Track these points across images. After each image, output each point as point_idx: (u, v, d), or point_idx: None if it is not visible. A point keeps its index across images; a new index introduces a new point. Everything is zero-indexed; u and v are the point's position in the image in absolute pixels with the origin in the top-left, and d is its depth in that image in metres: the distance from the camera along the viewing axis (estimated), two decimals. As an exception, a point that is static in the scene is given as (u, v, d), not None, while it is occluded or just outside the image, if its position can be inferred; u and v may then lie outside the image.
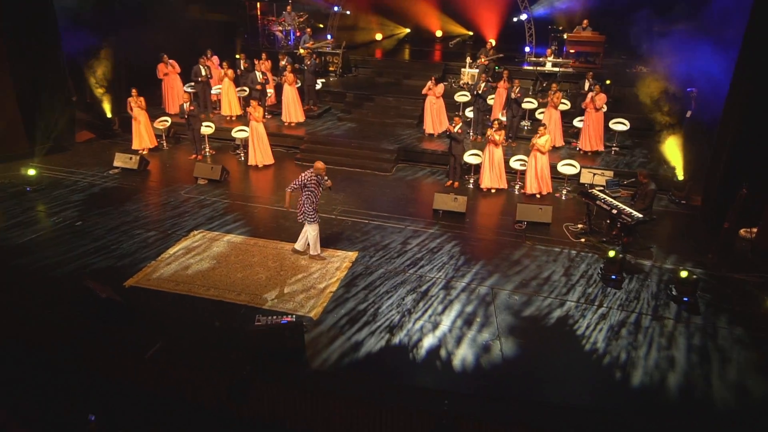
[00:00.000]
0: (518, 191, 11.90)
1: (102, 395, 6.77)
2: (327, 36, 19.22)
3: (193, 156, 13.30)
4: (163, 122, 13.97)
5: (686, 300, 8.00)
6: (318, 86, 16.03)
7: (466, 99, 14.93)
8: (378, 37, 21.93)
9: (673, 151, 12.52)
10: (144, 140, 13.51)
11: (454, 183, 12.08)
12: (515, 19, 18.72)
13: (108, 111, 14.94)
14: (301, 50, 16.81)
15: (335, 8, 19.78)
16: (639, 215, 9.05)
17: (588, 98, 13.00)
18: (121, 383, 6.83)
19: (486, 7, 19.87)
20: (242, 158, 13.31)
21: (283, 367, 6.62)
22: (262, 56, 15.36)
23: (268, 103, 15.30)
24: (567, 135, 14.05)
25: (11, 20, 12.11)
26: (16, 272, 8.43)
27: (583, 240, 9.82)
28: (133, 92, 13.18)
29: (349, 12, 20.33)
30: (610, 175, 11.40)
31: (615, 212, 9.28)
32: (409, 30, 22.79)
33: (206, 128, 13.40)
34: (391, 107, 15.80)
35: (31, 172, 11.34)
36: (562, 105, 13.77)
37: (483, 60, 16.10)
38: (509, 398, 6.34)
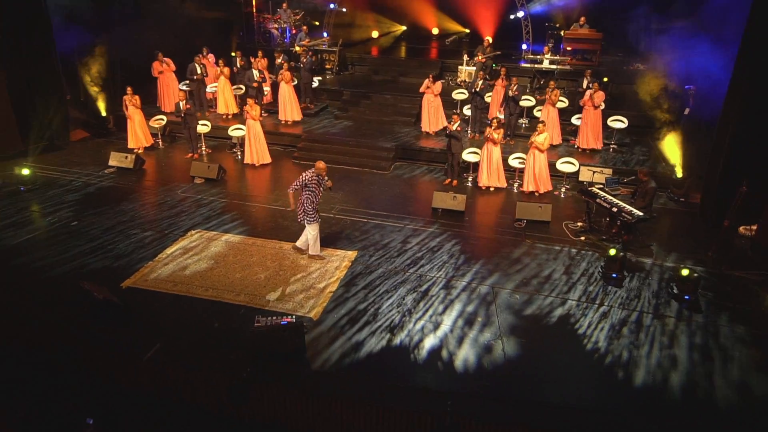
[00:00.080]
0: (517, 189, 11.86)
1: (100, 398, 6.68)
2: (323, 33, 19.13)
3: (190, 155, 13.19)
4: (159, 121, 13.85)
5: (687, 298, 7.98)
6: (315, 84, 15.93)
7: (464, 97, 14.87)
8: (374, 35, 21.85)
9: (672, 149, 12.52)
10: (139, 139, 13.39)
11: (453, 181, 12.03)
12: (512, 17, 18.68)
13: (103, 109, 14.81)
14: (297, 48, 16.71)
15: (331, 5, 19.69)
16: (639, 213, 9.02)
17: (587, 96, 12.97)
18: (120, 385, 6.74)
19: (483, 5, 19.83)
20: (239, 157, 13.21)
21: (284, 368, 6.55)
22: (259, 54, 15.24)
23: (265, 101, 15.20)
24: (565, 132, 14.03)
25: (4, 18, 11.96)
26: (11, 273, 8.31)
27: (583, 238, 9.79)
28: (129, 91, 13.06)
29: (345, 9, 20.24)
30: (609, 173, 11.39)
31: (615, 210, 9.25)
32: (406, 27, 22.71)
33: (202, 127, 13.29)
34: (389, 105, 15.73)
35: (25, 172, 11.19)
36: (560, 102, 13.74)
37: (480, 57, 16.04)
38: (512, 399, 6.29)
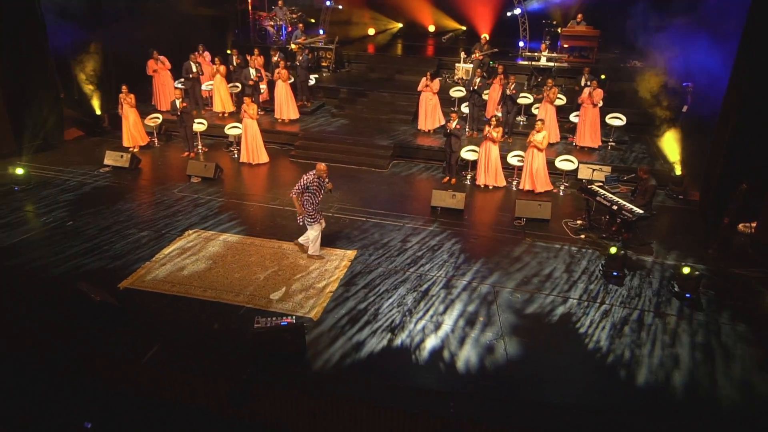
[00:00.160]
0: (515, 187, 11.82)
1: (98, 401, 6.59)
2: (319, 31, 19.01)
3: (186, 153, 13.07)
4: (154, 119, 13.71)
5: (688, 296, 7.96)
6: (311, 82, 15.83)
7: (462, 94, 14.81)
8: (371, 32, 21.73)
9: (670, 146, 12.51)
10: (135, 138, 13.26)
11: (452, 179, 11.97)
12: (509, 14, 18.60)
13: (97, 108, 14.64)
14: (293, 45, 16.59)
15: (327, 3, 19.56)
16: (640, 211, 9.00)
17: (586, 93, 12.92)
18: (118, 388, 6.66)
19: (479, 2, 19.74)
20: (235, 156, 13.10)
21: (284, 369, 6.48)
22: (255, 52, 15.12)
23: (261, 100, 15.08)
24: (563, 130, 13.99)
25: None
26: (6, 274, 8.19)
27: (583, 236, 9.76)
28: (124, 89, 12.92)
29: (342, 7, 20.11)
30: (608, 171, 11.36)
31: (615, 208, 9.22)
32: (402, 25, 22.61)
33: (199, 125, 13.18)
34: (386, 103, 15.64)
35: (19, 172, 11.05)
36: (558, 100, 13.69)
37: (477, 55, 15.99)
38: (514, 399, 6.24)
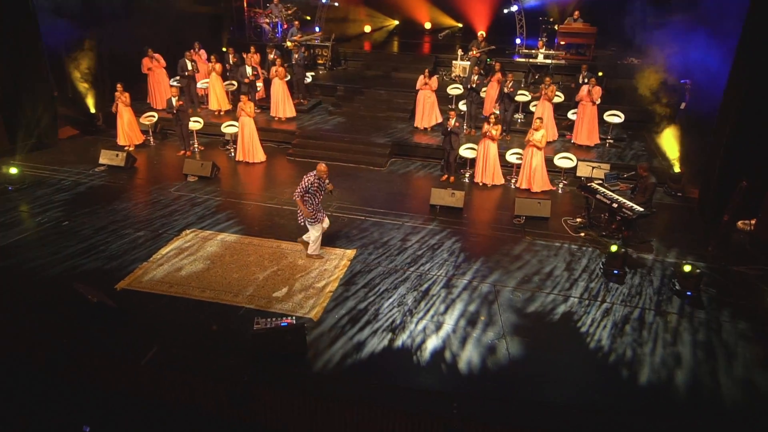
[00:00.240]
0: (514, 185, 11.77)
1: (96, 404, 6.51)
2: (315, 28, 18.88)
3: (182, 152, 12.96)
4: (150, 118, 13.58)
5: (689, 294, 7.94)
6: (308, 80, 15.73)
7: (459, 92, 14.76)
8: (367, 29, 21.64)
9: (668, 144, 12.50)
10: (129, 137, 13.14)
11: (450, 177, 11.92)
12: (505, 11, 18.54)
13: (92, 106, 14.49)
14: (289, 43, 16.47)
15: (323, 0, 19.44)
16: (640, 209, 8.97)
17: (585, 91, 12.88)
18: (116, 390, 6.57)
19: (476, -1, 19.72)
20: (232, 154, 12.99)
21: (285, 370, 6.41)
22: (251, 49, 15.00)
23: (257, 98, 14.97)
24: (560, 127, 13.96)
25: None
26: (1, 275, 8.07)
27: (583, 234, 9.73)
28: (119, 87, 12.79)
29: (337, 4, 19.99)
30: (607, 168, 11.33)
31: (615, 206, 9.19)
32: (398, 22, 22.53)
33: (195, 124, 13.07)
34: (383, 101, 15.57)
35: (13, 171, 10.91)
36: (556, 98, 13.65)
37: (475, 52, 15.93)
38: (517, 400, 6.20)
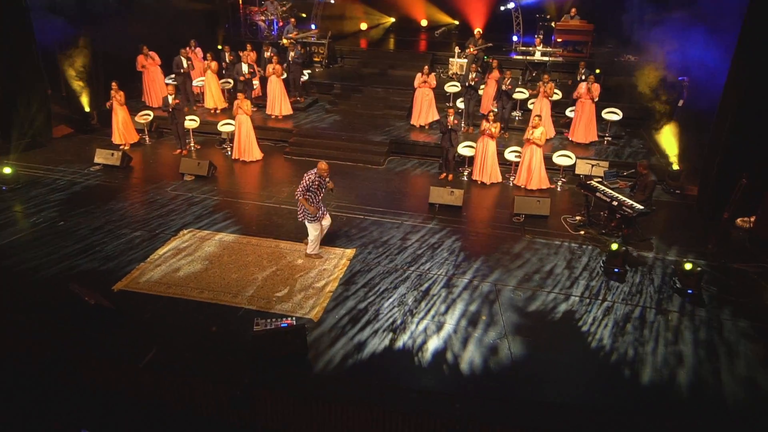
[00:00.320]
0: (512, 183, 11.73)
1: (94, 407, 6.43)
2: (311, 26, 18.78)
3: (178, 151, 12.84)
4: (145, 116, 13.46)
5: (690, 292, 7.93)
6: (304, 78, 15.63)
7: (457, 90, 14.70)
8: (363, 27, 21.54)
9: (666, 141, 12.48)
10: (124, 136, 13.01)
11: (449, 175, 11.86)
12: (502, 8, 18.50)
13: (86, 105, 14.33)
14: (285, 40, 16.36)
15: (319, -3, 19.36)
16: (640, 207, 8.94)
17: (583, 89, 12.83)
18: (115, 394, 6.49)
19: (472, -4, 19.65)
20: (228, 153, 12.89)
21: (286, 372, 6.35)
22: (247, 47, 14.89)
23: (254, 96, 14.87)
24: (558, 125, 13.93)
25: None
26: (-4, 276, 8.00)
27: (583, 232, 9.70)
28: (113, 86, 12.65)
29: (333, 1, 19.88)
30: (606, 166, 11.31)
31: (615, 204, 9.16)
32: (394, 19, 22.44)
33: (191, 122, 12.96)
34: (380, 98, 15.49)
35: (7, 171, 10.78)
36: (555, 95, 13.61)
37: (472, 50, 15.85)
38: (520, 400, 6.16)
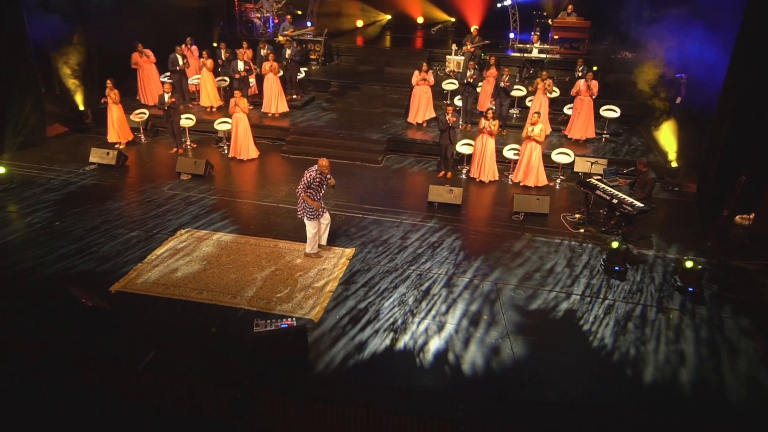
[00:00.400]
0: (511, 181, 11.69)
1: (92, 411, 6.34)
2: (307, 23, 18.66)
3: (174, 150, 12.72)
4: (141, 115, 13.33)
5: (691, 290, 7.91)
6: (301, 75, 15.53)
7: (454, 87, 14.64)
8: (359, 24, 21.43)
9: (664, 138, 12.47)
10: (119, 134, 12.88)
11: (447, 173, 11.81)
12: (499, 5, 18.43)
13: (80, 103, 14.18)
14: (281, 38, 16.25)
15: (314, -6, 19.24)
16: (640, 204, 8.92)
17: (582, 86, 12.79)
18: (113, 397, 6.41)
19: (468, -8, 19.57)
20: (225, 151, 12.79)
21: (287, 373, 6.28)
22: (243, 45, 14.77)
23: (250, 94, 14.76)
24: (556, 122, 13.89)
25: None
26: (-8, 278, 7.89)
27: (582, 230, 9.67)
28: (108, 84, 12.52)
29: (329, -2, 19.80)
30: (605, 164, 11.29)
31: (615, 202, 9.13)
32: (390, 17, 22.34)
33: (187, 120, 12.84)
34: (377, 96, 15.41)
35: (1, 171, 10.64)
36: (553, 92, 13.57)
37: (469, 47, 15.79)
38: (522, 400, 6.13)
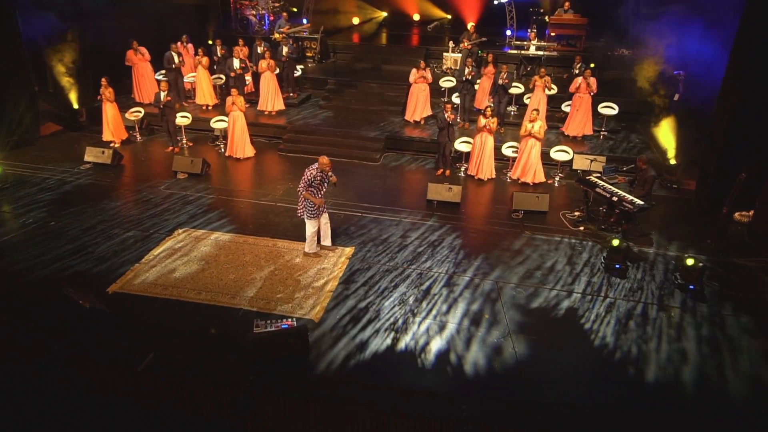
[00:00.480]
0: (509, 179, 11.65)
1: (91, 414, 6.27)
2: (302, 20, 18.54)
3: (170, 148, 12.61)
4: (136, 113, 13.20)
5: (692, 288, 7.90)
6: (297, 73, 15.43)
7: (452, 84, 14.58)
8: (355, 21, 21.33)
9: (662, 135, 12.45)
10: (115, 133, 12.76)
11: (446, 171, 11.75)
12: (495, 2, 18.36)
13: (74, 101, 14.03)
14: (276, 35, 16.14)
15: (310, -9, 19.11)
16: (641, 202, 8.89)
17: (581, 83, 12.75)
18: (112, 399, 6.33)
19: (465, -11, 19.50)
20: (222, 150, 12.69)
21: (287, 374, 6.23)
22: (240, 42, 14.65)
23: (246, 91, 14.64)
24: (553, 119, 13.86)
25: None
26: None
27: (582, 228, 9.64)
28: (103, 82, 12.39)
29: (325, -6, 19.67)
30: (603, 161, 11.26)
31: (616, 199, 9.10)
32: (386, 14, 22.25)
33: (183, 119, 12.72)
34: (374, 94, 15.32)
35: (-5, 170, 10.56)
36: (552, 89, 13.53)
37: (466, 44, 15.74)
38: (524, 401, 6.09)
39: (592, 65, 14.84)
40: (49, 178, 11.00)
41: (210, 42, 16.30)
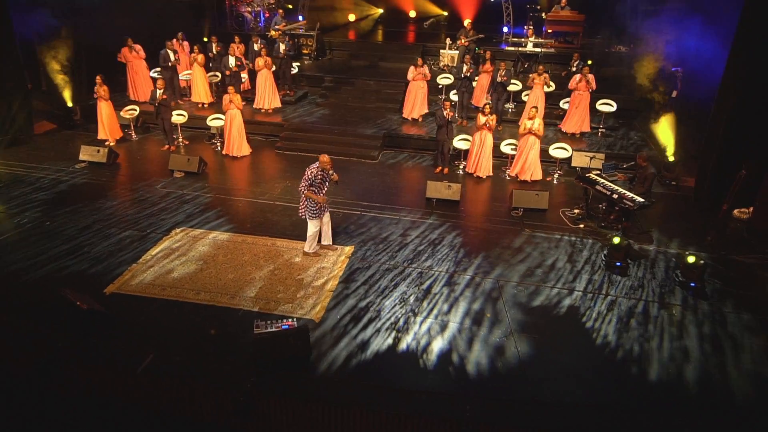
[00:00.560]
0: (508, 176, 11.61)
1: (90, 416, 6.19)
2: (298, 17, 18.42)
3: (166, 147, 12.50)
4: (131, 111, 13.07)
5: (693, 285, 7.88)
6: (294, 70, 15.32)
7: (449, 82, 14.51)
8: (351, 18, 21.22)
9: (660, 132, 12.44)
10: (109, 131, 12.63)
11: (444, 169, 11.70)
12: (492, -1, 18.32)
13: (68, 99, 13.88)
14: (272, 32, 16.02)
15: (306, -12, 18.98)
16: (641, 199, 8.86)
17: (581, 80, 12.71)
18: (111, 401, 6.25)
19: (462, -14, 19.42)
20: (218, 148, 12.59)
21: (288, 375, 6.16)
22: (235, 40, 14.54)
23: (242, 89, 14.54)
24: (551, 116, 13.81)
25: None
26: (-19, 281, 7.67)
27: (582, 225, 9.61)
28: (98, 80, 12.25)
29: (321, -9, 19.55)
30: (602, 158, 11.23)
31: (616, 197, 9.08)
32: (383, 11, 22.14)
33: (178, 117, 12.61)
34: (372, 91, 15.25)
35: (-12, 169, 10.43)
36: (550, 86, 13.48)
37: (463, 41, 15.67)
38: (527, 400, 6.05)
39: (590, 62, 14.82)
40: (44, 178, 10.88)
41: (205, 39, 16.15)
